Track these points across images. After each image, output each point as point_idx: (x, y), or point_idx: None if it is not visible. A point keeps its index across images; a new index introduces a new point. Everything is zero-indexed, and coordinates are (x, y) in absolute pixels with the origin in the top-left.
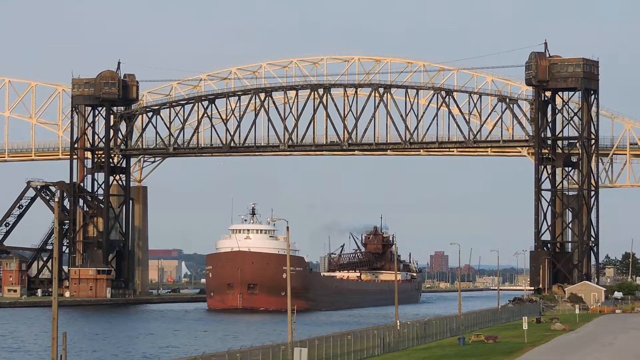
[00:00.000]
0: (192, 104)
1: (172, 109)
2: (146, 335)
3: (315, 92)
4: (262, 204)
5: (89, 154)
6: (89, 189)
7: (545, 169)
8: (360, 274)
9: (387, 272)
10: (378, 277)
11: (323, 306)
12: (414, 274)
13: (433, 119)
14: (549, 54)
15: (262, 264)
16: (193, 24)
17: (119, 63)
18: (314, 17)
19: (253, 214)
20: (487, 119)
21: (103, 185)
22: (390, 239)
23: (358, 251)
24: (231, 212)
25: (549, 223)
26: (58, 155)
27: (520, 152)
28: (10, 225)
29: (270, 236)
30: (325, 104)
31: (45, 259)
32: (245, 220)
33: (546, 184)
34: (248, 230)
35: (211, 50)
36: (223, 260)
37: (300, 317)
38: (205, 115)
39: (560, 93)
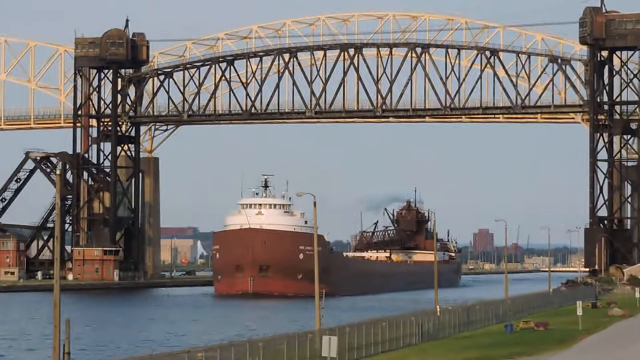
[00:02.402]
0: (208, 66)
1: (186, 71)
2: (158, 321)
3: (345, 53)
4: (279, 175)
5: (94, 122)
6: (94, 161)
7: (601, 137)
8: (391, 254)
9: (422, 252)
10: (411, 257)
11: (346, 291)
12: (453, 254)
13: (476, 82)
14: (606, 9)
15: (275, 243)
16: None
17: (127, 21)
18: None
19: (266, 186)
20: (536, 81)
21: (110, 157)
22: (426, 214)
23: (389, 229)
24: (241, 185)
25: (606, 197)
26: (60, 123)
27: (573, 118)
28: (7, 201)
29: (285, 211)
30: (356, 65)
31: (45, 238)
32: (256, 193)
33: (602, 154)
34: (260, 204)
35: (230, 7)
36: (231, 239)
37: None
38: (223, 78)
39: (618, 52)
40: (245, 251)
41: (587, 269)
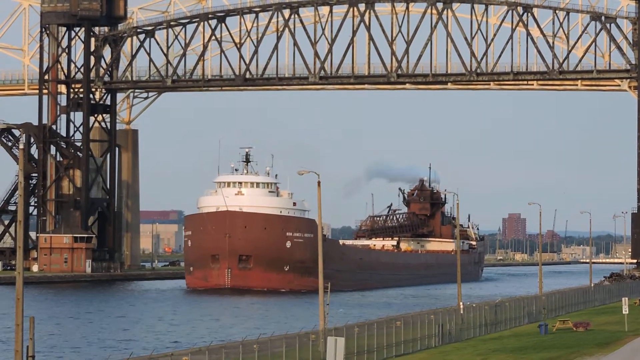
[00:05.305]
0: (195, 24)
1: (170, 30)
2: (134, 320)
3: (355, 8)
4: (270, 149)
5: (63, 88)
6: (64, 133)
7: None
8: (399, 242)
9: (437, 240)
10: (423, 246)
11: (344, 285)
12: (473, 243)
13: (507, 43)
14: None
15: (258, 228)
16: None
17: None
18: None
19: (247, 161)
20: (576, 43)
21: (81, 128)
22: (443, 196)
23: (397, 212)
24: (218, 159)
25: None
26: (23, 89)
27: (619, 85)
28: None
29: (269, 191)
30: (367, 23)
31: (6, 223)
32: (236, 169)
33: None
34: (240, 183)
35: None
36: (206, 224)
37: (313, 298)
38: (213, 38)
39: None
40: (221, 238)
41: (635, 260)
